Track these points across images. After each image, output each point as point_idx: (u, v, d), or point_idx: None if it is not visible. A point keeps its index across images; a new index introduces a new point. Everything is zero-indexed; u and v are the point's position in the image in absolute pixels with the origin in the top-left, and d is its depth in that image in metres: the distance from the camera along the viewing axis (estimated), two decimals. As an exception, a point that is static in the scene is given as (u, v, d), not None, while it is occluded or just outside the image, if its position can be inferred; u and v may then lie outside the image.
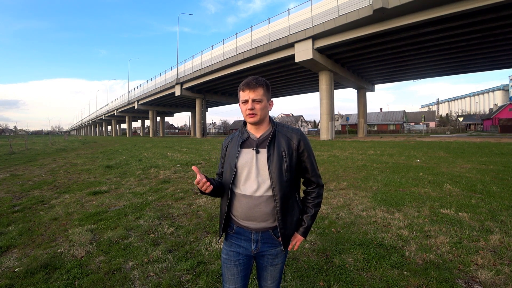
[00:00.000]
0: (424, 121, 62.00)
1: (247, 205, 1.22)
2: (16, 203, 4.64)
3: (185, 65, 35.31)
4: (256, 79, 1.22)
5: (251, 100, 1.20)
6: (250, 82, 1.20)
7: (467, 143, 15.34)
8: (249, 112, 1.20)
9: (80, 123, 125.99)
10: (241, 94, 1.23)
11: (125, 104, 57.76)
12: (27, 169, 8.70)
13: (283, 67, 25.51)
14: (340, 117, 66.69)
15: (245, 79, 1.24)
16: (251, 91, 1.20)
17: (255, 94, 1.20)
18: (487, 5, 13.50)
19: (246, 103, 1.21)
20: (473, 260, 2.42)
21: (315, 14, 19.17)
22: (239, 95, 1.25)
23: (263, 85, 1.22)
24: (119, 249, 2.75)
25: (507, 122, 40.47)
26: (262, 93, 1.21)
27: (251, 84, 1.20)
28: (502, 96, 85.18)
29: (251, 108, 1.20)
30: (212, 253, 2.64)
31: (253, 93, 1.20)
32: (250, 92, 1.20)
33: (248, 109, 1.20)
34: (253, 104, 1.20)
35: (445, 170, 7.01)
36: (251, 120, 1.22)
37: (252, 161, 1.22)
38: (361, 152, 11.91)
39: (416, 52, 21.47)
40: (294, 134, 1.27)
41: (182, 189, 5.51)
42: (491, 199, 4.26)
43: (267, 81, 1.26)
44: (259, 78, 1.23)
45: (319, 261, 2.46)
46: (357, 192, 5.00)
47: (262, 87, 1.21)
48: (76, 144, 25.56)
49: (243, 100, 1.22)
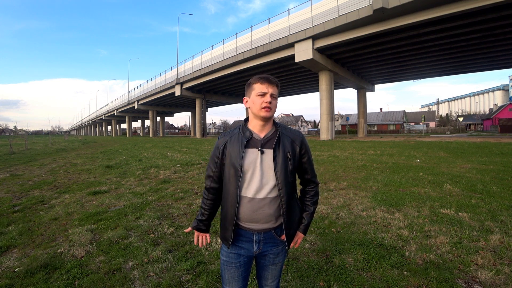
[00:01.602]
0: (424, 121, 61.99)
1: (251, 208, 1.20)
2: (16, 203, 4.64)
3: (185, 65, 35.32)
4: (273, 77, 1.23)
5: (269, 94, 1.19)
6: (270, 78, 1.21)
7: (467, 143, 15.33)
8: (266, 105, 1.18)
9: (80, 123, 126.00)
10: (257, 86, 1.20)
11: (125, 104, 57.76)
12: (27, 169, 8.70)
13: (283, 67, 25.51)
14: (340, 117, 66.69)
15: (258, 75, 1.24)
16: (271, 86, 1.20)
17: (273, 90, 1.20)
18: (487, 5, 13.49)
19: (263, 96, 1.19)
20: (473, 260, 2.42)
21: (315, 14, 19.17)
22: (253, 87, 1.22)
23: (278, 85, 1.24)
24: (119, 249, 2.75)
25: (507, 122, 40.47)
26: (277, 91, 1.24)
27: (272, 80, 1.20)
28: (502, 96, 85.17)
29: (269, 101, 1.18)
30: (212, 253, 2.64)
31: (272, 88, 1.20)
32: (269, 86, 1.20)
33: (266, 101, 1.18)
34: (271, 98, 1.19)
35: (445, 170, 7.01)
36: (266, 114, 1.19)
37: (256, 162, 1.19)
38: (361, 152, 11.91)
39: (416, 52, 21.47)
40: (297, 136, 1.28)
41: (182, 189, 5.51)
42: (491, 199, 4.26)
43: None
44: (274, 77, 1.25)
45: (319, 261, 2.46)
46: (357, 192, 5.00)
47: (277, 86, 1.24)
48: (76, 144, 25.56)
49: (260, 92, 1.19)
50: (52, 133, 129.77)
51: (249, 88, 1.24)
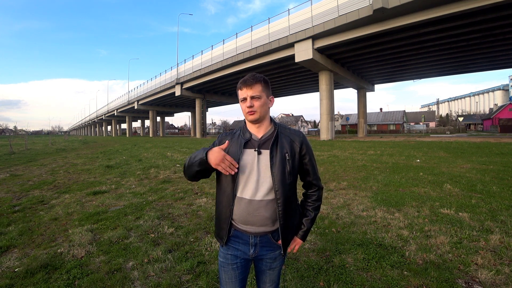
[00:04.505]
0: (424, 121, 61.95)
1: (247, 210, 1.17)
2: (16, 203, 4.64)
3: (185, 65, 35.31)
4: (254, 76, 1.19)
5: (249, 98, 1.16)
6: (247, 79, 1.17)
7: (467, 143, 15.33)
8: (248, 110, 1.17)
9: (80, 123, 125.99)
10: (239, 93, 1.20)
11: (125, 104, 57.76)
12: (27, 169, 8.70)
13: (283, 67, 25.51)
14: (340, 117, 66.69)
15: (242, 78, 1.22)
16: (249, 88, 1.17)
17: (253, 91, 1.16)
18: (487, 5, 13.49)
19: (245, 101, 1.18)
20: (473, 260, 2.42)
21: (315, 14, 19.17)
22: (238, 94, 1.22)
23: (261, 81, 1.18)
24: (119, 249, 2.75)
25: (507, 122, 40.46)
26: (261, 89, 1.18)
27: (248, 81, 1.17)
28: (502, 96, 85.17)
29: (250, 105, 1.16)
30: (212, 253, 2.64)
31: (250, 90, 1.16)
32: (247, 89, 1.17)
33: (247, 106, 1.17)
34: (252, 102, 1.16)
35: (445, 170, 7.01)
36: (251, 117, 1.18)
37: (253, 163, 1.17)
38: (361, 152, 11.91)
39: (416, 52, 21.47)
40: (296, 136, 1.24)
41: (182, 189, 5.51)
42: (491, 199, 4.26)
43: (265, 77, 1.23)
44: (256, 74, 1.20)
45: (319, 261, 2.46)
46: (357, 192, 5.00)
47: (260, 83, 1.18)
48: (76, 144, 25.55)
49: (241, 98, 1.19)
50: (52, 133, 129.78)
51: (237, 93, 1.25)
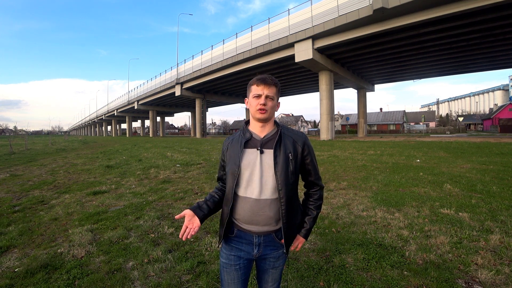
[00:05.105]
0: (424, 121, 61.96)
1: (251, 209, 1.18)
2: (16, 203, 4.64)
3: (185, 65, 35.31)
4: (272, 77, 1.21)
5: (264, 96, 1.18)
6: (267, 78, 1.19)
7: (467, 143, 15.33)
8: (261, 107, 1.18)
9: (80, 123, 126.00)
10: (253, 88, 1.21)
11: (125, 104, 57.75)
12: (27, 169, 8.69)
13: (283, 67, 25.51)
14: (340, 117, 66.68)
15: (258, 75, 1.23)
16: (266, 87, 1.18)
17: (269, 91, 1.19)
18: (487, 5, 13.49)
19: (258, 98, 1.19)
20: (473, 260, 2.42)
21: (315, 14, 19.17)
22: (251, 89, 1.22)
23: (277, 85, 1.22)
24: (119, 249, 2.75)
25: (507, 122, 40.45)
26: (275, 91, 1.21)
27: (268, 80, 1.19)
28: (502, 96, 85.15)
29: (264, 103, 1.17)
30: (212, 253, 2.64)
31: (267, 89, 1.18)
32: (265, 87, 1.18)
33: (261, 103, 1.18)
34: (266, 100, 1.18)
35: (445, 170, 7.01)
36: (261, 116, 1.19)
37: (255, 162, 1.18)
38: (361, 152, 11.91)
39: (416, 52, 21.47)
40: (299, 137, 1.27)
41: (182, 189, 5.51)
42: (491, 199, 4.26)
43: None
44: (273, 77, 1.23)
45: (319, 261, 2.46)
46: (357, 192, 5.00)
47: (276, 86, 1.21)
48: (76, 144, 25.55)
49: (255, 94, 1.20)
50: (52, 133, 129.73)
51: (248, 89, 1.25)
